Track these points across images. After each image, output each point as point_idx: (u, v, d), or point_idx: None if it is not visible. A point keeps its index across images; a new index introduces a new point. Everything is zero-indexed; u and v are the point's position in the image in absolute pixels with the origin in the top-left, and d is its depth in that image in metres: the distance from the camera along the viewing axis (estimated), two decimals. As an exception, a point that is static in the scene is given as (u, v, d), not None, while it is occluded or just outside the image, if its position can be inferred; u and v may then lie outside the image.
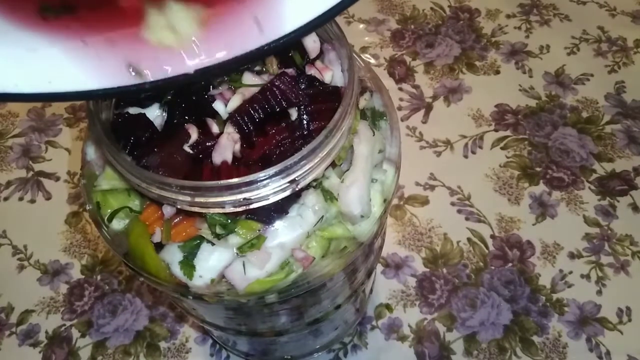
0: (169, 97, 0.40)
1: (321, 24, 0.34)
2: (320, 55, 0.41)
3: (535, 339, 0.65)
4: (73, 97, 0.33)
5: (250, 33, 0.33)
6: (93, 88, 0.33)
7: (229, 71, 0.40)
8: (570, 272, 0.69)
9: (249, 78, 0.40)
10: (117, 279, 0.70)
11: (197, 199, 0.34)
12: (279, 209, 0.37)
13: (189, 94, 0.40)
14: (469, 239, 0.72)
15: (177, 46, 0.33)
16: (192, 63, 0.33)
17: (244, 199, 0.34)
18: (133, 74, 0.32)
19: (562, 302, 0.67)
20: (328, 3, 0.33)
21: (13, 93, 0.32)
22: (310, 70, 0.40)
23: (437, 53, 0.90)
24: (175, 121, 0.39)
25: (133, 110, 0.40)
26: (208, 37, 0.33)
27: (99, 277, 0.71)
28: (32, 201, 0.78)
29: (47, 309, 0.69)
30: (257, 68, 0.42)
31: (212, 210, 0.35)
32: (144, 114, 0.39)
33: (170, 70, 0.33)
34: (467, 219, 0.73)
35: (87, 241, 0.73)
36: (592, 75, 0.86)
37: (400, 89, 0.86)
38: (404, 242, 0.72)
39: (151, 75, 0.33)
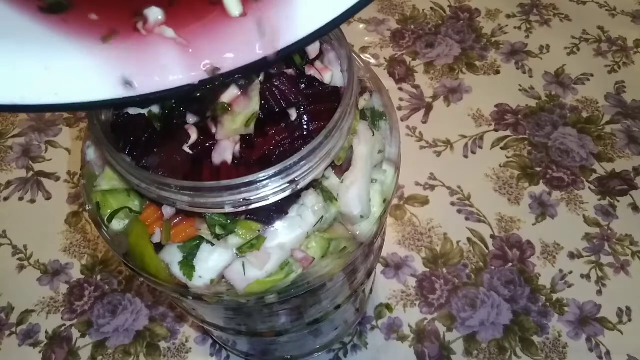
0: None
1: (333, 27, 0.34)
2: (320, 55, 0.41)
3: (535, 339, 0.65)
4: (78, 107, 0.34)
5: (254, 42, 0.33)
6: (97, 99, 0.33)
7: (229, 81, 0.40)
8: (570, 272, 0.69)
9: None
10: (117, 279, 0.70)
11: (197, 200, 0.34)
12: (279, 210, 0.37)
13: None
14: (469, 239, 0.72)
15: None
16: (196, 74, 0.33)
17: (244, 199, 0.34)
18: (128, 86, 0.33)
19: (562, 302, 0.67)
20: (341, 7, 0.33)
21: (19, 105, 0.32)
22: (310, 71, 0.40)
23: (437, 53, 0.90)
24: (175, 121, 0.39)
25: (133, 111, 0.40)
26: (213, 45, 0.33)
27: (99, 277, 0.71)
28: (32, 201, 0.78)
29: (47, 309, 0.69)
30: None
31: (211, 211, 0.35)
32: (144, 114, 0.39)
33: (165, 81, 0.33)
34: (467, 219, 0.73)
35: (87, 241, 0.74)
36: (592, 75, 0.86)
37: (400, 89, 0.86)
38: (404, 242, 0.72)
39: (149, 86, 0.33)
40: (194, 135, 0.38)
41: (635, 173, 0.76)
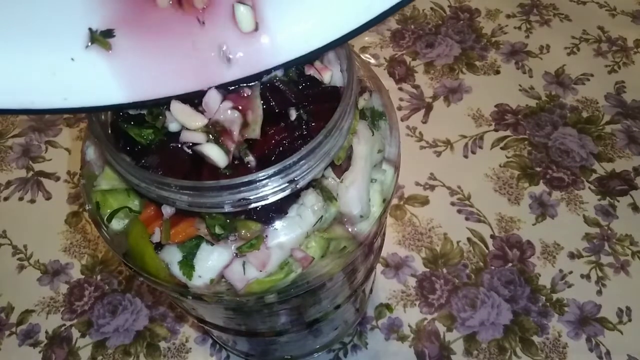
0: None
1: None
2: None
3: (535, 339, 0.65)
4: (86, 111, 0.34)
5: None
6: (106, 104, 0.33)
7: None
8: (570, 272, 0.69)
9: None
10: (117, 279, 0.70)
11: (196, 199, 0.34)
12: (278, 209, 0.37)
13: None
14: (469, 239, 0.72)
15: None
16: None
17: (243, 199, 0.34)
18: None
19: (562, 302, 0.67)
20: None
21: (28, 109, 0.32)
22: (310, 71, 0.40)
23: (437, 53, 0.90)
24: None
25: (133, 110, 0.40)
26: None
27: (99, 277, 0.71)
28: (32, 201, 0.78)
29: (47, 309, 0.69)
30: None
31: (211, 210, 0.35)
32: (144, 114, 0.39)
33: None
34: (467, 219, 0.73)
35: (87, 241, 0.74)
36: (592, 75, 0.86)
37: (400, 89, 0.86)
38: (404, 242, 0.72)
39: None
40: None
41: (635, 173, 0.76)
